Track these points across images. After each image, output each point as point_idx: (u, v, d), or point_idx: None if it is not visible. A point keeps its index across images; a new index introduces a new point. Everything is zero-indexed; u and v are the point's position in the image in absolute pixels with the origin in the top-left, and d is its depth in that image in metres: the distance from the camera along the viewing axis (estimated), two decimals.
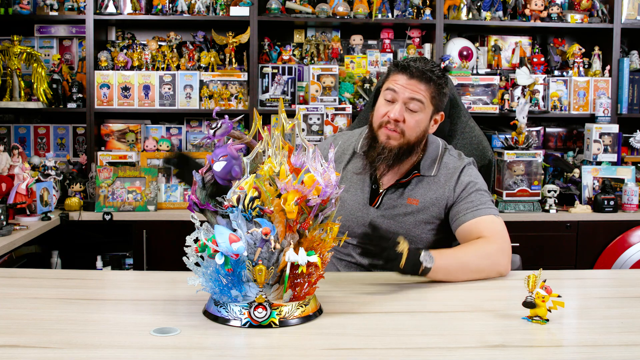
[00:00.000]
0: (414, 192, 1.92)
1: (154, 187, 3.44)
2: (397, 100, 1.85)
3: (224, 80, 3.73)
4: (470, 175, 1.92)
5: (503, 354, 1.20)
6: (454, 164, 1.95)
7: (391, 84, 1.87)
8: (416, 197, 1.91)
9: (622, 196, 3.56)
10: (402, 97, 1.84)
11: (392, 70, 1.90)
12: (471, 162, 1.97)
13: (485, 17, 3.78)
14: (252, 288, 1.32)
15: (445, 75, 1.90)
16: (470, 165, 1.96)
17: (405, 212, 1.91)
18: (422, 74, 1.84)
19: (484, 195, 1.89)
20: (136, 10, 3.69)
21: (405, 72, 1.85)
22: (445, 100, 1.93)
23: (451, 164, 1.95)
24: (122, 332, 1.29)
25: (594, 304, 1.57)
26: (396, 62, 1.89)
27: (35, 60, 3.62)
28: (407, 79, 1.84)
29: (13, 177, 3.14)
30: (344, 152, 2.02)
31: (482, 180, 1.95)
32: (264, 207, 1.30)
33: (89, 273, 1.82)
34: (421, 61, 1.87)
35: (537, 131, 3.87)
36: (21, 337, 1.25)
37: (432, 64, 1.87)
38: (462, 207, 1.87)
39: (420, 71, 1.84)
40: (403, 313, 1.45)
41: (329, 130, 3.64)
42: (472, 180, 1.91)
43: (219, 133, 1.39)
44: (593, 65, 3.87)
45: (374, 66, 3.84)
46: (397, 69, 1.87)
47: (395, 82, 1.86)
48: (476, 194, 1.88)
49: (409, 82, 1.84)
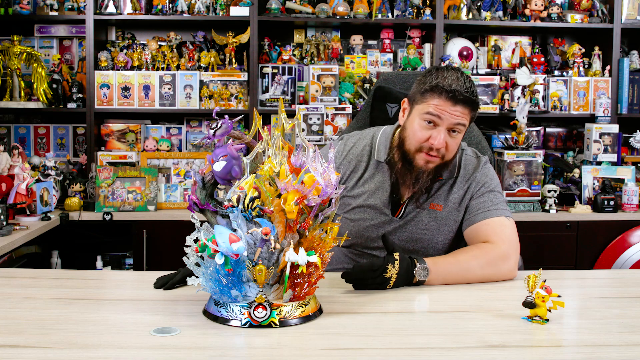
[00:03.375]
0: (436, 198, 1.87)
1: (154, 187, 3.44)
2: (439, 126, 1.75)
3: (224, 80, 3.73)
4: (487, 175, 1.89)
5: (503, 354, 1.20)
6: (472, 163, 1.91)
7: (433, 109, 1.74)
8: (439, 202, 1.87)
9: (622, 196, 3.56)
10: (446, 123, 1.74)
11: (430, 90, 1.75)
12: (487, 160, 1.94)
13: (485, 17, 3.78)
14: (252, 288, 1.32)
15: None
16: (487, 163, 1.93)
17: (428, 218, 1.86)
18: (466, 100, 1.73)
19: (497, 196, 1.86)
20: (136, 10, 3.69)
21: (448, 97, 1.72)
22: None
23: (470, 164, 1.91)
24: (122, 332, 1.29)
25: (594, 304, 1.57)
26: (436, 85, 1.73)
27: (35, 60, 3.62)
28: (453, 105, 1.72)
29: (13, 177, 3.14)
30: (359, 159, 1.93)
31: (497, 179, 1.92)
32: (264, 207, 1.30)
33: (89, 273, 1.82)
34: (464, 83, 1.74)
35: (537, 131, 3.87)
36: (21, 337, 1.25)
37: (469, 82, 1.75)
38: (473, 207, 1.85)
39: (466, 97, 1.73)
40: (403, 313, 1.45)
41: (329, 130, 3.64)
42: (487, 180, 1.88)
43: (219, 133, 1.39)
44: (593, 65, 3.87)
45: (374, 66, 3.84)
46: (439, 92, 1.73)
47: (437, 107, 1.73)
48: (489, 195, 1.86)
49: (454, 108, 1.73)
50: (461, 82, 1.74)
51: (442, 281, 1.65)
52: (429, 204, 1.87)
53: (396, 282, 1.58)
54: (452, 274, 1.67)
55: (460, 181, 1.89)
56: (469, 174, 1.89)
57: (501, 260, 1.73)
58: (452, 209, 1.87)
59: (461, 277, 1.68)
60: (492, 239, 1.77)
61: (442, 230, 1.88)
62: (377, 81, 2.40)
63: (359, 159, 1.94)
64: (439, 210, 1.87)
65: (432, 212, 1.87)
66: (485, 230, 1.80)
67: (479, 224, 1.82)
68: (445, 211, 1.87)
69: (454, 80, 1.73)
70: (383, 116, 2.26)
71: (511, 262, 1.74)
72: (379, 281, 1.57)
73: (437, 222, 1.87)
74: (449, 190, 1.88)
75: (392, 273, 1.56)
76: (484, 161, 1.93)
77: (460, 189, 1.88)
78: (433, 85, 1.75)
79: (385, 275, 1.56)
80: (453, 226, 1.88)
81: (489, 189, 1.87)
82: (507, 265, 1.73)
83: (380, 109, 2.29)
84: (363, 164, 1.93)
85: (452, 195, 1.88)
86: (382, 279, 1.56)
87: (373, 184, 1.91)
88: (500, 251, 1.74)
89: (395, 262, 1.57)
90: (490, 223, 1.81)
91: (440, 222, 1.87)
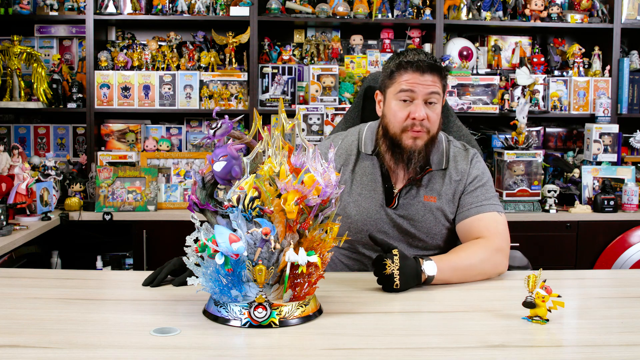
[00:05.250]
0: (429, 189, 1.89)
1: (154, 187, 3.44)
2: (416, 99, 1.80)
3: (224, 80, 3.73)
4: (478, 169, 1.91)
5: (503, 354, 1.20)
6: (462, 155, 1.93)
7: (404, 85, 1.80)
8: (433, 194, 1.88)
9: (622, 196, 3.56)
10: (421, 94, 1.79)
11: (396, 70, 1.83)
12: (477, 153, 1.96)
13: (485, 17, 3.78)
14: (252, 288, 1.32)
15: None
16: (477, 156, 1.95)
17: (424, 211, 1.88)
18: (431, 66, 1.79)
19: (489, 191, 1.88)
20: (136, 10, 3.69)
21: (415, 69, 1.79)
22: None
23: (459, 156, 1.92)
24: (122, 332, 1.29)
25: (594, 304, 1.57)
26: (399, 62, 1.82)
27: (35, 60, 3.62)
28: (420, 75, 1.79)
29: (13, 177, 3.14)
30: (348, 154, 1.96)
31: (489, 173, 1.93)
32: (264, 207, 1.30)
33: (89, 273, 1.82)
34: (420, 54, 1.82)
35: (537, 131, 3.87)
36: (21, 337, 1.25)
37: (430, 54, 1.85)
38: (466, 201, 1.87)
39: (431, 64, 1.79)
40: (403, 313, 1.45)
41: (329, 130, 3.64)
42: (479, 173, 1.90)
43: (219, 133, 1.39)
44: (593, 65, 3.87)
45: (374, 66, 3.84)
46: (404, 67, 1.80)
47: (408, 82, 1.79)
48: (482, 189, 1.87)
49: (423, 78, 1.79)
50: (422, 54, 1.82)
51: (448, 277, 1.65)
52: (423, 196, 1.88)
53: (402, 281, 1.56)
54: (457, 270, 1.67)
55: (451, 173, 1.90)
56: (460, 166, 1.91)
57: (497, 254, 1.75)
58: (446, 201, 1.89)
59: (464, 273, 1.68)
60: (485, 234, 1.79)
61: (439, 222, 1.89)
62: (366, 81, 2.39)
63: (348, 154, 1.96)
64: (434, 202, 1.88)
65: (427, 204, 1.88)
66: (479, 226, 1.82)
67: (471, 219, 1.84)
68: (439, 202, 1.88)
69: (414, 54, 1.82)
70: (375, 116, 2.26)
71: (505, 256, 1.77)
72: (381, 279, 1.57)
73: (433, 213, 1.88)
74: (442, 182, 1.90)
75: (393, 269, 1.55)
76: (473, 153, 1.94)
77: (452, 181, 1.89)
78: (397, 64, 1.83)
79: (385, 272, 1.55)
80: (449, 217, 1.89)
81: (481, 182, 1.89)
82: (503, 259, 1.76)
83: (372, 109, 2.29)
84: (352, 158, 1.95)
85: (445, 187, 1.89)
86: (383, 276, 1.56)
87: (365, 177, 1.93)
88: (496, 246, 1.76)
89: (394, 258, 1.56)
90: (483, 218, 1.83)
91: (436, 213, 1.88)
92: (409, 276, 1.57)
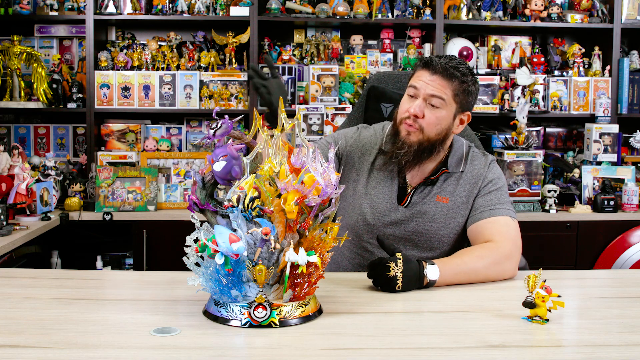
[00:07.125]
0: (443, 190, 1.89)
1: (154, 187, 3.44)
2: (418, 97, 1.82)
3: (224, 80, 3.73)
4: (495, 173, 1.91)
5: (503, 354, 1.20)
6: (480, 161, 1.93)
7: (414, 81, 1.84)
8: (446, 195, 1.89)
9: (622, 196, 3.56)
10: (423, 93, 1.81)
11: (417, 66, 1.87)
12: (494, 159, 1.97)
13: (485, 17, 3.78)
14: (252, 288, 1.32)
15: (472, 73, 1.85)
16: (494, 162, 1.96)
17: (435, 210, 1.88)
18: (444, 71, 1.80)
19: (503, 195, 1.88)
20: (136, 10, 3.69)
21: (428, 68, 1.81)
22: (472, 100, 1.88)
23: (477, 161, 1.93)
24: (122, 332, 1.29)
25: (594, 304, 1.57)
26: (421, 58, 1.85)
27: (35, 60, 3.63)
28: (430, 75, 1.81)
29: (13, 177, 3.14)
30: (371, 148, 1.97)
31: (504, 179, 1.94)
32: (264, 207, 1.30)
33: (89, 273, 1.82)
34: (446, 58, 1.84)
35: (537, 131, 3.87)
36: (21, 337, 1.25)
37: (458, 61, 1.83)
38: (479, 204, 1.87)
39: (443, 67, 1.80)
40: (403, 313, 1.45)
41: (329, 130, 3.64)
42: (494, 177, 1.90)
43: (219, 133, 1.39)
44: (593, 65, 3.87)
45: (374, 66, 3.84)
46: (421, 65, 1.84)
47: (418, 79, 1.83)
48: (496, 193, 1.87)
49: (431, 79, 1.80)
50: (444, 58, 1.83)
51: (450, 281, 1.65)
52: (436, 196, 1.89)
53: (404, 283, 1.56)
54: (460, 274, 1.66)
55: (467, 176, 1.90)
56: (476, 169, 1.91)
57: (505, 260, 1.73)
58: (459, 204, 1.88)
59: (468, 278, 1.68)
60: (496, 238, 1.78)
61: (449, 224, 1.88)
62: (369, 81, 2.39)
63: (371, 145, 1.98)
64: (446, 203, 1.88)
65: (438, 205, 1.88)
66: (490, 229, 1.81)
67: (484, 222, 1.83)
68: (451, 204, 1.88)
69: (440, 57, 1.84)
70: (378, 116, 2.26)
71: (514, 262, 1.76)
72: (384, 281, 1.57)
73: (444, 215, 1.88)
74: (456, 184, 1.90)
75: (397, 272, 1.55)
76: (492, 159, 1.96)
77: (467, 184, 1.90)
78: (419, 59, 1.89)
79: (389, 275, 1.55)
80: (460, 220, 1.89)
81: (496, 187, 1.89)
82: (510, 265, 1.74)
83: (375, 109, 2.29)
84: (374, 151, 1.97)
85: (459, 189, 1.89)
86: (386, 278, 1.56)
87: (381, 172, 1.93)
88: (505, 251, 1.74)
89: (398, 261, 1.56)
90: (495, 222, 1.82)
91: (447, 215, 1.88)
92: (411, 279, 1.58)
